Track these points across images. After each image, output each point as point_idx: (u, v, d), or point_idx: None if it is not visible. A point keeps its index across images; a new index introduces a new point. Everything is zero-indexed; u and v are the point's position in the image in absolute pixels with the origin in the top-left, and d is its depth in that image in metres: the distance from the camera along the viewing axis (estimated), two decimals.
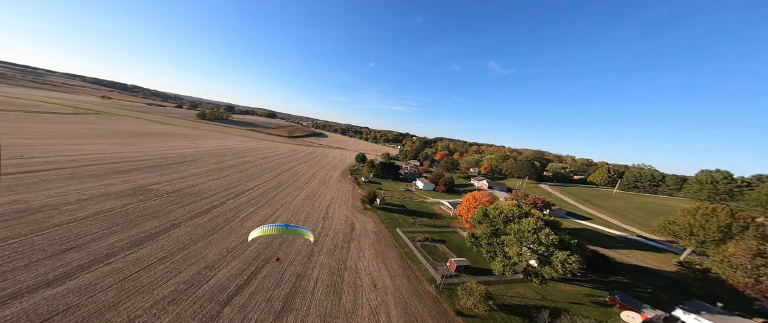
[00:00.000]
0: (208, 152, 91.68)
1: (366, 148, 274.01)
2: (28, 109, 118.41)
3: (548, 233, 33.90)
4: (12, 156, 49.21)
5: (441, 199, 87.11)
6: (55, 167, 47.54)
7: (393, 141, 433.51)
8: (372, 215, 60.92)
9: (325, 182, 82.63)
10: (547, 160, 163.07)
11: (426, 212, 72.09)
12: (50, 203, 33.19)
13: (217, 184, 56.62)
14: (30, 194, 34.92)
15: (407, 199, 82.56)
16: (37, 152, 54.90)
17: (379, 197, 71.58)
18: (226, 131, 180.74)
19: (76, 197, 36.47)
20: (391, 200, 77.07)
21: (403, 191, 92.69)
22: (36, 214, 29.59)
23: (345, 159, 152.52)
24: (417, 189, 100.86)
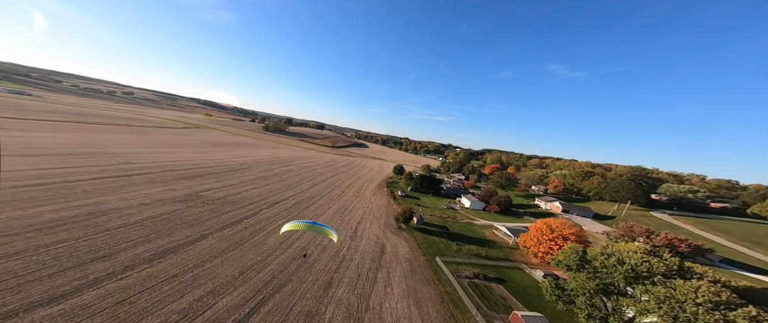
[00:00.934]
0: (262, 161, 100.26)
1: (405, 159, 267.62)
2: (156, 125, 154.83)
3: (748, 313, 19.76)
4: (122, 162, 60.94)
5: (494, 222, 72.79)
6: (144, 173, 56.19)
7: (434, 152, 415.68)
8: (407, 237, 53.05)
9: (359, 195, 78.90)
10: (655, 179, 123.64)
11: (475, 237, 60.04)
12: (118, 206, 37.33)
13: (257, 192, 58.56)
14: (110, 196, 40.36)
15: (450, 219, 71.41)
16: (140, 159, 67.07)
17: (417, 216, 63.24)
18: (281, 142, 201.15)
19: (140, 201, 40.67)
20: (431, 219, 67.51)
21: (445, 209, 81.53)
22: (99, 217, 32.93)
23: (383, 170, 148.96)
24: (462, 207, 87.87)
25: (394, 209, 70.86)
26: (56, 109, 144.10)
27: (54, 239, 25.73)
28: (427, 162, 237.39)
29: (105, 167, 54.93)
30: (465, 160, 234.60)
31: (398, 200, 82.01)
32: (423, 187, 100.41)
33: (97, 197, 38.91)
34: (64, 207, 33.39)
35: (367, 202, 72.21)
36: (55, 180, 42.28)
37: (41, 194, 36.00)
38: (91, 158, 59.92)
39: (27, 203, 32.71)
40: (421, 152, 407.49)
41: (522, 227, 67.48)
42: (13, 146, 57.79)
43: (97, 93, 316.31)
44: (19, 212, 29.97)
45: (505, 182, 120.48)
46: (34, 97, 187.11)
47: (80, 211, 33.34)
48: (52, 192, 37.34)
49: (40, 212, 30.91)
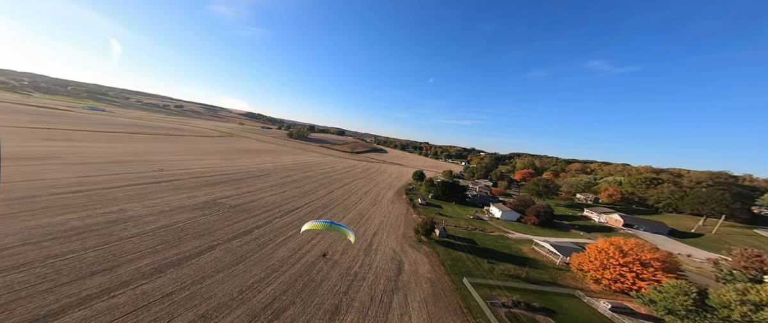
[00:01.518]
0: (282, 167, 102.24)
1: (425, 164, 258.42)
2: (196, 134, 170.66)
3: None
4: (156, 169, 65.23)
5: (534, 236, 63.32)
6: (172, 179, 59.09)
7: (456, 157, 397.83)
8: (428, 252, 47.28)
9: (377, 203, 74.74)
10: (747, 187, 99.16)
11: (510, 254, 52.01)
12: (139, 214, 38.21)
13: (273, 200, 57.84)
14: (135, 203, 41.90)
15: (478, 231, 63.56)
16: (173, 166, 71.56)
17: (439, 227, 57.00)
18: (303, 148, 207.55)
19: (160, 209, 41.51)
20: (455, 231, 60.53)
21: (472, 220, 73.45)
22: (118, 225, 33.48)
23: (402, 176, 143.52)
24: (491, 218, 78.76)
25: (414, 218, 65.26)
26: (119, 122, 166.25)
27: (65, 250, 25.80)
28: (449, 167, 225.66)
29: (140, 174, 58.80)
30: (491, 165, 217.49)
31: (418, 208, 76.10)
32: (445, 194, 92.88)
33: (123, 204, 40.45)
34: (90, 214, 34.67)
35: (384, 211, 67.75)
36: (94, 187, 45.33)
37: (76, 201, 38.21)
38: (132, 166, 64.95)
39: (60, 210, 34.59)
40: (443, 157, 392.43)
41: (571, 244, 57.09)
42: (70, 155, 65.16)
43: (154, 107, 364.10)
44: (48, 219, 31.41)
45: (543, 190, 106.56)
46: (106, 112, 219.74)
47: (103, 219, 34.29)
48: (86, 199, 39.56)
49: (67, 219, 32.17)
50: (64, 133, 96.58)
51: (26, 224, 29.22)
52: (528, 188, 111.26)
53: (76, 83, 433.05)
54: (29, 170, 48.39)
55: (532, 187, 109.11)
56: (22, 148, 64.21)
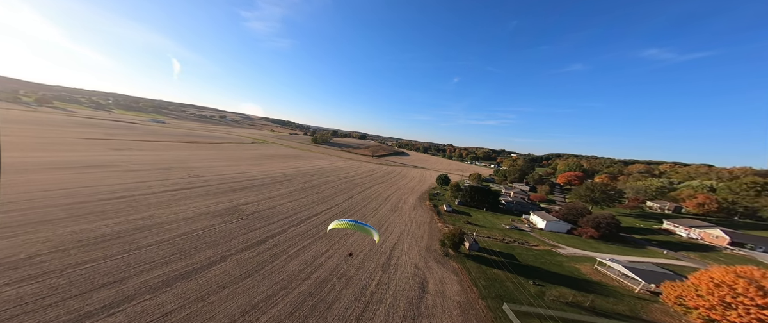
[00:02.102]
0: (304, 172, 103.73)
1: (449, 167, 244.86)
2: (232, 141, 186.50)
3: None
4: (192, 175, 70.08)
5: (595, 253, 52.72)
6: (203, 185, 62.38)
7: (483, 159, 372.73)
8: (457, 269, 41.09)
9: (398, 209, 69.87)
10: None
11: (564, 274, 43.20)
12: (165, 220, 39.54)
13: (292, 206, 57.04)
14: (165, 209, 43.89)
15: (518, 244, 54.68)
16: (207, 172, 76.51)
17: (470, 238, 50.03)
18: (326, 152, 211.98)
19: (185, 215, 42.76)
20: (489, 243, 52.70)
21: (508, 230, 64.16)
22: (142, 233, 34.52)
23: (424, 180, 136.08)
24: (533, 228, 68.19)
25: (439, 228, 58.88)
26: (174, 132, 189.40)
27: (86, 259, 26.42)
28: (477, 170, 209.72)
29: (177, 180, 63.12)
30: (527, 167, 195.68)
31: (443, 216, 69.19)
32: (474, 200, 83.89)
33: (154, 211, 42.48)
34: (121, 221, 36.52)
35: (405, 218, 62.60)
36: (134, 194, 48.98)
37: (115, 207, 41.04)
38: (173, 172, 70.54)
39: (98, 216, 37.10)
40: (468, 159, 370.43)
41: (655, 266, 45.26)
42: (127, 163, 73.35)
43: (203, 118, 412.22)
44: (85, 226, 33.48)
45: (601, 197, 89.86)
46: (165, 124, 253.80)
47: (131, 226, 35.75)
48: (124, 205, 42.39)
49: (100, 226, 34.03)
50: (129, 143, 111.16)
51: (65, 230, 31.30)
52: (579, 193, 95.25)
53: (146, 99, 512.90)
54: (89, 177, 54.62)
55: (584, 193, 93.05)
56: (92, 157, 74.17)
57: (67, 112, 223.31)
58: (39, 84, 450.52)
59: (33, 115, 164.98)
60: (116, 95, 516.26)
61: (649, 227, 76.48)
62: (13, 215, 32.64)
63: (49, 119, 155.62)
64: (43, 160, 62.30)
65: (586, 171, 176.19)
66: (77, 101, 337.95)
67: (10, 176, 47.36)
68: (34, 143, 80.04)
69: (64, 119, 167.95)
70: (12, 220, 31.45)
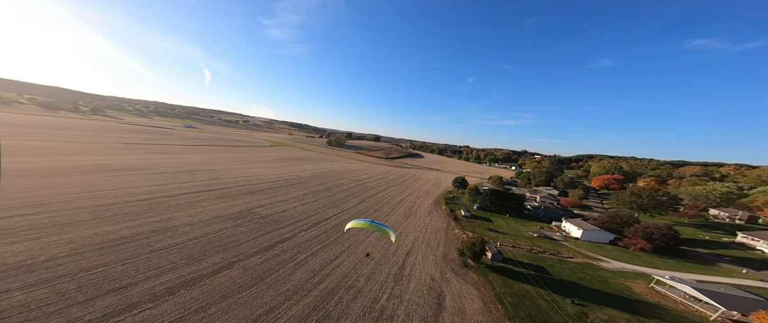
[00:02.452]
0: (318, 175, 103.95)
1: (466, 169, 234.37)
2: (252, 144, 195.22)
3: None
4: (212, 178, 72.73)
5: (649, 269, 46.14)
6: (221, 188, 64.12)
7: (504, 161, 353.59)
8: (478, 282, 37.08)
9: (411, 214, 66.34)
10: None
11: (610, 293, 37.80)
12: (181, 223, 40.27)
13: (303, 210, 56.22)
14: (182, 212, 45.00)
15: (549, 256, 48.83)
16: (226, 175, 79.22)
17: (492, 248, 45.28)
18: (340, 155, 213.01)
19: (200, 218, 43.40)
20: (515, 254, 47.48)
21: (537, 239, 57.92)
22: (157, 236, 35.08)
23: (440, 183, 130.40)
24: (566, 237, 61.21)
25: (456, 235, 54.52)
26: (203, 136, 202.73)
27: (100, 262, 26.83)
28: (497, 173, 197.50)
29: (199, 182, 65.53)
30: (553, 169, 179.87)
31: (461, 222, 64.37)
32: (496, 205, 77.63)
33: (172, 213, 43.63)
34: (141, 223, 37.60)
35: (420, 224, 58.97)
36: (158, 196, 51.09)
37: (138, 210, 42.71)
38: (196, 175, 73.70)
39: (121, 217, 38.61)
40: (487, 161, 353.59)
41: (735, 288, 37.58)
42: (157, 166, 78.16)
43: (229, 123, 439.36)
44: (107, 228, 34.75)
45: (651, 203, 78.01)
46: (196, 129, 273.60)
47: (148, 228, 36.61)
48: (146, 207, 44.06)
49: (120, 228, 35.14)
50: (162, 147, 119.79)
51: (88, 232, 32.59)
52: (622, 199, 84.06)
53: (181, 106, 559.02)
54: (121, 179, 58.34)
55: (629, 198, 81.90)
56: (128, 160, 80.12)
57: (115, 119, 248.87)
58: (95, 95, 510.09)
59: (87, 123, 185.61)
60: (156, 103, 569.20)
61: (717, 239, 64.80)
62: (44, 216, 34.84)
63: (99, 126, 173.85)
64: (85, 163, 68.14)
65: (626, 174, 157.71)
66: (125, 109, 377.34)
67: (55, 179, 51.83)
68: (82, 148, 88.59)
69: (112, 125, 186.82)
70: (42, 221, 33.47)
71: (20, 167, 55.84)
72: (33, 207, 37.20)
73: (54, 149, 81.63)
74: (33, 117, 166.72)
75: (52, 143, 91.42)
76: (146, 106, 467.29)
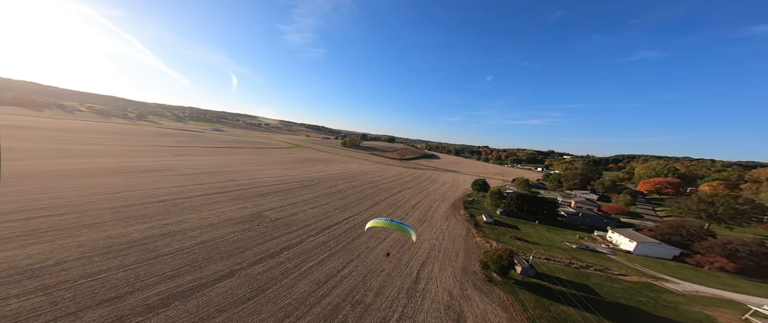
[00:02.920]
0: (331, 176, 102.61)
1: (486, 171, 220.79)
2: (272, 146, 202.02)
3: None
4: (229, 179, 74.35)
5: (735, 294, 38.28)
6: (236, 189, 64.77)
7: (528, 162, 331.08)
8: (505, 300, 31.93)
9: (427, 219, 61.46)
10: None
11: (681, 322, 30.09)
12: (191, 226, 40.06)
13: (314, 213, 54.27)
14: (194, 214, 45.14)
15: (595, 272, 41.73)
16: (243, 177, 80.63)
17: (522, 261, 39.33)
18: (354, 156, 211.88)
19: (210, 221, 43.06)
20: (551, 268, 41.01)
21: (576, 251, 50.24)
22: (166, 239, 34.79)
23: (457, 185, 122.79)
24: (614, 249, 52.44)
25: (478, 243, 48.85)
26: (227, 139, 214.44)
27: (103, 267, 26.41)
28: (521, 174, 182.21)
29: (216, 184, 66.89)
30: (589, 171, 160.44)
31: (483, 229, 58.15)
32: (523, 210, 69.77)
33: (186, 215, 43.83)
34: (153, 226, 37.78)
35: (436, 230, 54.05)
36: (176, 197, 52.24)
37: (153, 211, 43.48)
38: (215, 176, 75.77)
39: (136, 220, 39.22)
40: (508, 162, 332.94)
41: None
42: (181, 167, 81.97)
43: (252, 126, 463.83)
44: (120, 230, 35.16)
45: (728, 212, 64.10)
46: (223, 132, 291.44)
47: (159, 231, 36.57)
48: (161, 209, 44.79)
49: (131, 231, 35.39)
50: (190, 149, 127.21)
51: (102, 235, 33.04)
52: (687, 207, 71.19)
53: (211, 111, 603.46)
54: (146, 180, 61.14)
55: (697, 206, 68.76)
56: (157, 162, 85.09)
57: (155, 124, 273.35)
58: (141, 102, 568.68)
59: (132, 127, 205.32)
60: (191, 108, 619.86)
61: None
62: (69, 217, 36.24)
63: (141, 130, 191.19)
64: (119, 165, 73.11)
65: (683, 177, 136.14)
66: (164, 114, 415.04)
67: (89, 179, 55.43)
68: (120, 151, 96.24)
69: (151, 130, 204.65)
70: (66, 223, 34.69)
71: (64, 169, 60.78)
72: (62, 208, 39.13)
73: (97, 151, 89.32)
74: (88, 123, 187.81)
75: (97, 146, 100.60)
76: (183, 111, 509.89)
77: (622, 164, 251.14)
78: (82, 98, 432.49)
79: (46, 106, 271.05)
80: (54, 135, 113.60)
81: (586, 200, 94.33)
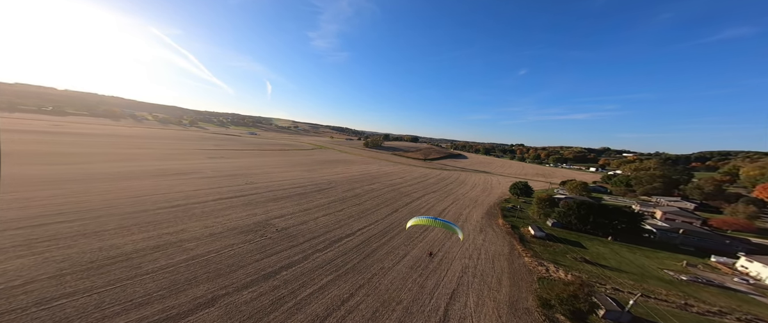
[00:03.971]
0: (349, 179, 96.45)
1: (523, 171, 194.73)
2: (296, 148, 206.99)
3: None
4: (247, 182, 72.50)
5: None
6: (250, 193, 61.89)
7: (575, 161, 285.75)
8: None
9: None
10: None
11: None
12: (189, 236, 36.60)
13: (325, 222, 47.91)
14: (199, 222, 42.03)
15: (735, 321, 27.07)
16: (261, 179, 78.77)
17: (605, 299, 27.25)
18: (375, 157, 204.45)
19: (212, 231, 39.25)
20: (653, 311, 27.70)
21: (689, 284, 34.99)
22: (157, 253, 31.41)
23: (491, 188, 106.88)
24: (756, 284, 35.51)
25: (527, 265, 36.98)
26: (258, 141, 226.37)
27: (67, 291, 22.94)
28: (571, 175, 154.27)
29: (233, 187, 65.32)
30: (670, 171, 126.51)
31: (532, 245, 45.27)
32: (586, 222, 54.05)
33: (190, 223, 40.91)
34: (151, 236, 35.01)
35: (469, 246, 43.19)
36: (191, 201, 50.70)
37: (161, 217, 41.54)
38: (235, 179, 75.19)
39: (140, 228, 37.08)
40: (551, 161, 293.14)
41: None
42: (208, 170, 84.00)
43: (283, 129, 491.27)
44: (118, 240, 32.78)
45: None
46: (256, 135, 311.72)
47: (155, 242, 33.51)
48: (170, 216, 42.74)
49: (127, 241, 32.77)
50: (223, 152, 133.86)
51: (93, 247, 30.74)
52: None
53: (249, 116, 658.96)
54: (168, 184, 61.89)
55: None
56: (188, 165, 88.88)
57: (202, 130, 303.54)
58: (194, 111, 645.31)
59: (183, 133, 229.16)
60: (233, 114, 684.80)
61: None
62: (75, 225, 35.27)
63: (188, 135, 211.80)
64: (153, 168, 76.85)
65: None
66: (211, 121, 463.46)
67: (122, 183, 57.70)
68: (160, 154, 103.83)
69: (197, 135, 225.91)
70: (68, 231, 33.49)
71: (107, 171, 64.67)
72: (77, 214, 38.94)
73: (144, 155, 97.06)
74: (150, 130, 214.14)
75: (147, 150, 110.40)
76: (226, 118, 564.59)
77: (713, 163, 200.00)
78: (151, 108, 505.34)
79: (123, 116, 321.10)
80: (115, 141, 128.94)
81: (680, 210, 71.66)
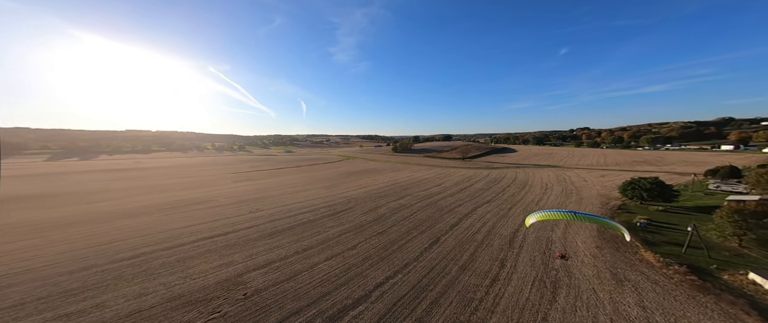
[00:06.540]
0: (373, 193, 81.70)
1: (607, 160, 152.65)
2: (323, 161, 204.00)
3: None
4: (252, 210, 63.36)
5: None
6: (245, 228, 51.66)
7: (685, 139, 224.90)
8: None
9: (556, 279, 29.17)
10: None
11: None
12: (95, 320, 26.59)
13: (325, 272, 33.60)
14: (135, 287, 32.43)
15: None
16: (272, 204, 66.87)
17: None
18: (406, 161, 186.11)
19: (138, 305, 29.06)
20: None
21: None
22: None
23: (574, 189, 78.87)
24: None
25: None
26: (291, 159, 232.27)
27: None
28: (706, 160, 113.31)
29: (234, 217, 56.61)
30: None
31: None
32: None
33: (126, 288, 31.19)
34: (98, 304, 25.76)
35: (593, 319, 22.86)
36: (160, 248, 41.19)
37: (96, 280, 32.87)
38: (241, 207, 66.99)
39: (85, 290, 28.48)
40: (645, 143, 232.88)
41: None
42: (221, 197, 79.94)
43: (316, 143, 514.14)
44: (45, 315, 23.95)
45: None
46: (292, 152, 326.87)
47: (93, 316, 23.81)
48: (112, 275, 33.76)
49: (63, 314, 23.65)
50: (251, 174, 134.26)
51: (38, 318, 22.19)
52: None
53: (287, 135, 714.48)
54: (171, 217, 56.37)
55: None
56: (209, 192, 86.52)
57: (247, 153, 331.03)
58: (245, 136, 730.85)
59: (229, 158, 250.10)
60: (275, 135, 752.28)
61: None
62: (9, 291, 28.45)
63: (233, 159, 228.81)
64: (176, 199, 75.31)
65: None
66: (256, 144, 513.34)
67: (127, 220, 54.41)
68: (198, 182, 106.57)
69: (239, 158, 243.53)
70: None
71: (129, 208, 62.84)
72: (31, 272, 33.09)
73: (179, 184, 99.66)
74: (205, 158, 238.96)
75: (186, 179, 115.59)
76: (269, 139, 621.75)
77: None
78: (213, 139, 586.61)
79: (190, 148, 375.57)
80: (169, 171, 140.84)
81: None
